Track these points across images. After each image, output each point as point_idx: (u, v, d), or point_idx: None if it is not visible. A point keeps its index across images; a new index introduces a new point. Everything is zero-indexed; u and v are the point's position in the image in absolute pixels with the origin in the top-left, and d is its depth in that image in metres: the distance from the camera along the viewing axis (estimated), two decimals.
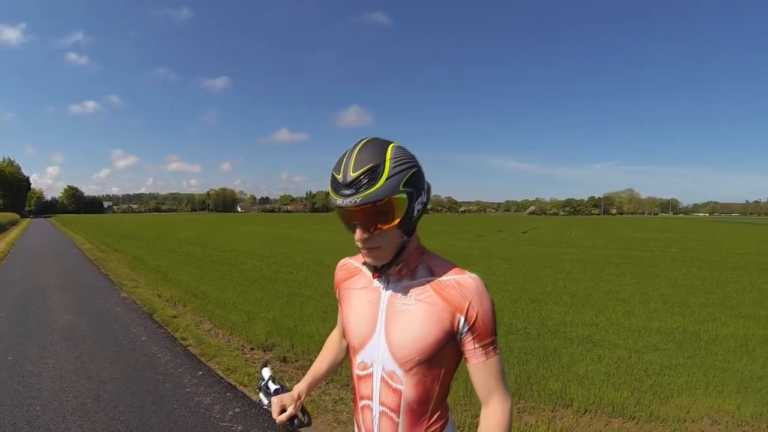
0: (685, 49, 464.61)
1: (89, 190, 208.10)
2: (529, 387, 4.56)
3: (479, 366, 1.26)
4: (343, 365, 1.75)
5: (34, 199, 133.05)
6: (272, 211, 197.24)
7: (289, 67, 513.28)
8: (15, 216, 56.45)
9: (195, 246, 21.15)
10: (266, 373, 1.75)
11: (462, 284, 1.24)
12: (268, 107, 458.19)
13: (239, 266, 13.70)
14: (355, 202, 1.13)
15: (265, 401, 1.67)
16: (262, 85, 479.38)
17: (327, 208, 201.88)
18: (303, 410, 1.63)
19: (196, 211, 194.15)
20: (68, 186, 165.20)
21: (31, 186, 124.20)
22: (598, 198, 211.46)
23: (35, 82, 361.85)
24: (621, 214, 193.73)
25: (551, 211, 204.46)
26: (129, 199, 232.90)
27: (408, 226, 1.24)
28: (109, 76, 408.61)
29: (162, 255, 17.01)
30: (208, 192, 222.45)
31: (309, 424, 1.61)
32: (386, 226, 1.18)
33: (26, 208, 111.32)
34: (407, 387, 1.27)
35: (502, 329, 6.41)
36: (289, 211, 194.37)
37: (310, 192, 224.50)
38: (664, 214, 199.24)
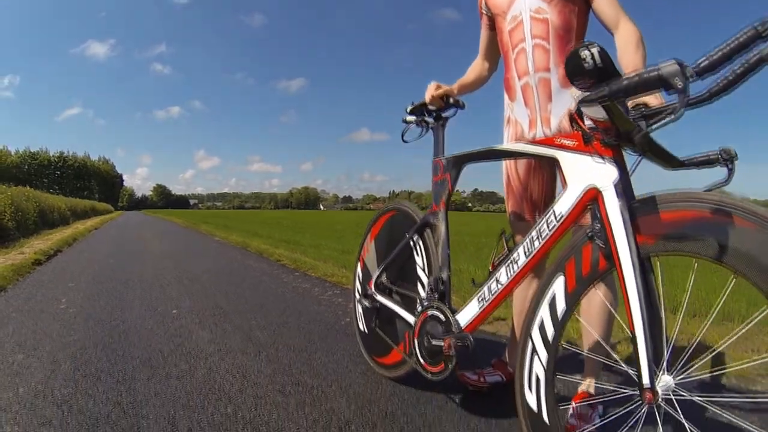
0: None
1: (176, 189, 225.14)
2: None
3: None
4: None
5: (126, 196, 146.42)
6: (355, 209, 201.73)
7: (364, 67, 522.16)
8: (109, 207, 62.38)
9: (284, 220, 22.02)
10: (408, 108, 1.93)
11: None
12: (347, 107, 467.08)
13: (331, 227, 14.08)
14: None
15: (413, 123, 1.89)
16: (339, 85, 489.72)
17: None
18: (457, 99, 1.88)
19: (279, 208, 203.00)
20: (157, 184, 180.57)
21: (124, 183, 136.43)
22: None
23: (123, 91, 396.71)
24: None
25: None
26: (213, 197, 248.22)
27: None
28: (190, 83, 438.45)
29: (250, 224, 17.88)
30: (290, 191, 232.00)
31: (463, 107, 1.86)
32: None
33: (119, 204, 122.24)
34: (552, 14, 1.64)
35: None
36: (372, 210, 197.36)
37: (393, 191, 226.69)
38: None
